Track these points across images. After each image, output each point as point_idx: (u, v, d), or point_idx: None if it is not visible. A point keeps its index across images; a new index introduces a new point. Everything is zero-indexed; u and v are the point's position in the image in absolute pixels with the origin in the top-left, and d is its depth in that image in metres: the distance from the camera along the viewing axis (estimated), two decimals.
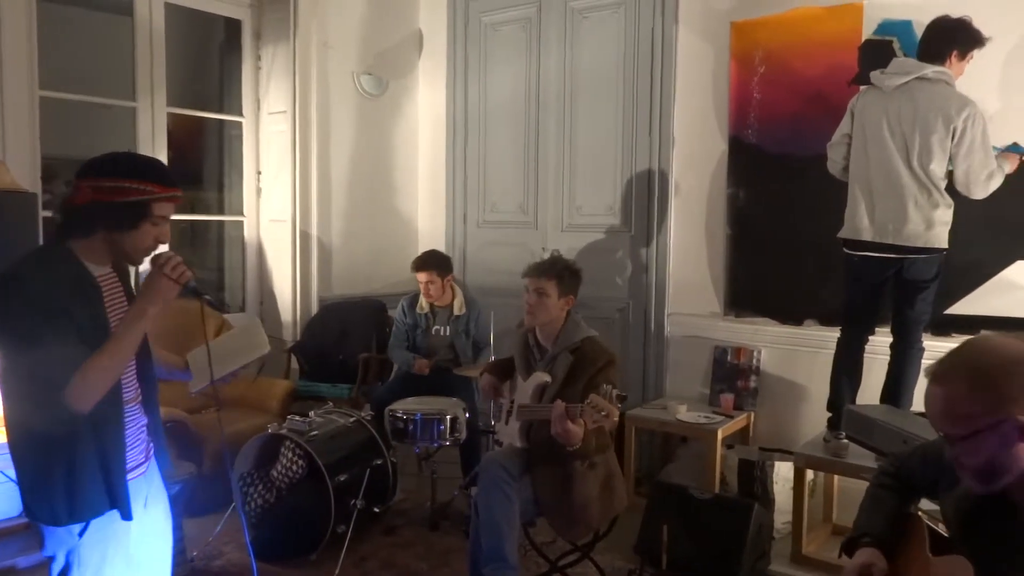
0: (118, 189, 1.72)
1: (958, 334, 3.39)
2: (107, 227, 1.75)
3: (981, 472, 1.31)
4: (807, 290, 3.83)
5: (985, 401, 1.26)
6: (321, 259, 4.86)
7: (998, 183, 3.03)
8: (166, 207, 1.80)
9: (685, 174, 4.22)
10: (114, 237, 1.76)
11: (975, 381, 1.27)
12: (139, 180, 1.75)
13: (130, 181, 1.74)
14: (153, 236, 1.79)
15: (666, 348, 4.31)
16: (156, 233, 1.79)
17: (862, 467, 3.00)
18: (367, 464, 3.41)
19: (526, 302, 2.86)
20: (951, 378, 1.31)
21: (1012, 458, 1.27)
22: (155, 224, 1.78)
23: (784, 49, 3.84)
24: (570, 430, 2.49)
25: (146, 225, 1.77)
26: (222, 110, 5.15)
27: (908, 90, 3.06)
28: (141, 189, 1.74)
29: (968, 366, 1.30)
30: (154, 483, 1.96)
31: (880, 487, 1.69)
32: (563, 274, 2.86)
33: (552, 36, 4.68)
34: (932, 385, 1.34)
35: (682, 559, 3.08)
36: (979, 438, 1.27)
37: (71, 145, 5.17)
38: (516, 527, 2.69)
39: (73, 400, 1.64)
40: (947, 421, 1.32)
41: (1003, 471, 1.29)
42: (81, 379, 1.64)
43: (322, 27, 4.77)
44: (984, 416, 1.26)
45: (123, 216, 1.74)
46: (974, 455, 1.30)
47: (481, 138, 5.08)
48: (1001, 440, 1.26)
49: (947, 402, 1.31)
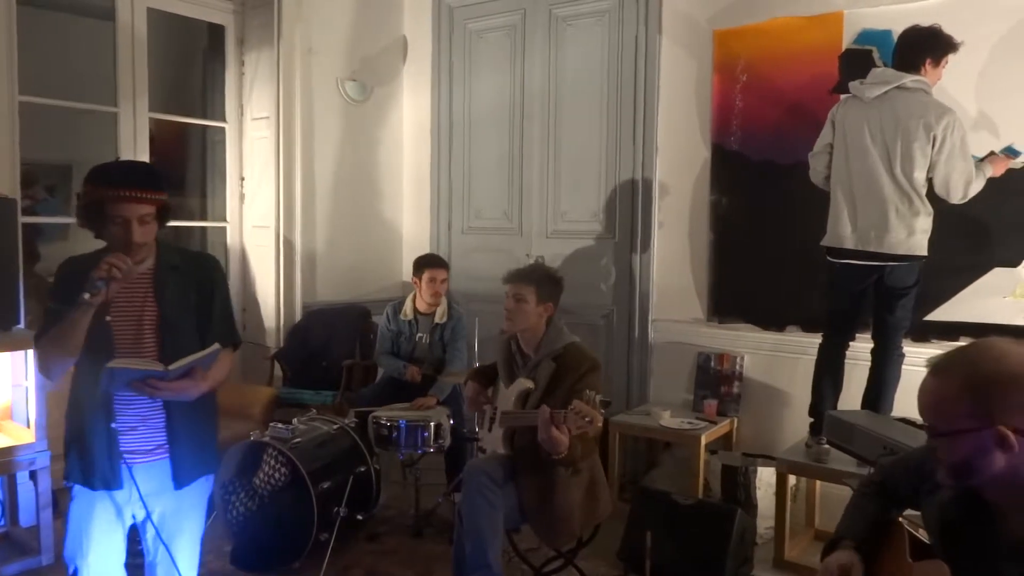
0: (84, 193, 1.94)
1: (938, 340, 3.44)
2: (91, 229, 1.97)
3: (954, 468, 1.33)
4: (789, 296, 3.86)
5: (972, 405, 1.28)
6: (305, 265, 4.84)
7: (978, 187, 3.07)
8: (121, 207, 1.90)
9: (669, 181, 4.25)
10: (102, 238, 1.96)
11: (968, 384, 1.29)
12: (93, 185, 1.92)
13: (89, 185, 1.93)
14: (119, 235, 1.92)
15: (650, 354, 4.33)
16: (120, 232, 1.91)
17: (843, 472, 3.02)
18: (350, 471, 3.39)
19: (505, 307, 2.88)
20: (947, 374, 1.32)
21: (986, 462, 1.29)
22: (116, 224, 1.90)
23: (766, 58, 3.87)
24: (556, 437, 2.49)
25: (109, 225, 1.92)
26: (205, 116, 5.14)
27: (888, 99, 3.10)
28: (92, 194, 1.92)
29: (966, 368, 1.31)
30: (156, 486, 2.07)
31: (863, 496, 1.71)
32: (542, 281, 2.87)
33: (537, 43, 4.70)
34: (929, 376, 1.36)
35: (666, 565, 3.08)
36: (959, 437, 1.30)
37: (52, 150, 5.13)
38: (500, 534, 2.68)
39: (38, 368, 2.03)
40: (932, 414, 1.35)
41: (975, 472, 1.31)
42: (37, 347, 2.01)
43: (306, 33, 4.76)
44: (967, 419, 1.28)
45: (87, 220, 1.95)
46: (951, 452, 1.32)
47: (466, 145, 5.08)
48: (978, 444, 1.28)
49: (937, 396, 1.33)
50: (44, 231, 5.05)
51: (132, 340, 1.99)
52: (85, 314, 1.88)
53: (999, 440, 1.26)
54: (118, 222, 1.91)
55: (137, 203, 1.91)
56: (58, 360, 1.97)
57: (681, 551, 3.08)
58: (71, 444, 2.05)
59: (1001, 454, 1.27)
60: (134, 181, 1.92)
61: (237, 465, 3.32)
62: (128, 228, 1.91)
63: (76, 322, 1.88)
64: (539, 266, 3.06)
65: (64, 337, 1.91)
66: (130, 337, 1.99)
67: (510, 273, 2.93)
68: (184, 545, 2.16)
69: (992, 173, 3.13)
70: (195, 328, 2.08)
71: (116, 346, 1.96)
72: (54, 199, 5.22)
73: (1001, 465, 1.28)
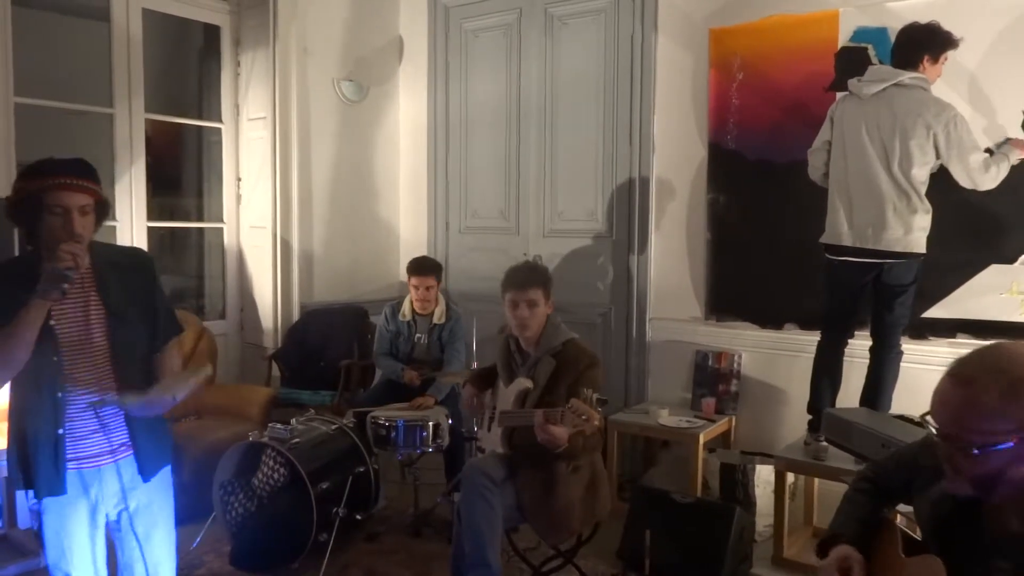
0: (15, 189, 1.90)
1: (936, 337, 3.44)
2: (23, 227, 1.94)
3: (980, 481, 1.26)
4: (787, 294, 3.86)
5: (1015, 417, 1.19)
6: (302, 266, 4.84)
7: (1004, 172, 3.06)
8: (59, 196, 1.88)
9: (666, 180, 4.25)
10: (34, 235, 1.91)
11: (1008, 394, 1.19)
12: (29, 177, 1.90)
13: (20, 182, 1.91)
14: (59, 227, 1.89)
15: (648, 353, 4.33)
16: (61, 223, 1.88)
17: (842, 470, 3.02)
18: (349, 471, 3.39)
19: (516, 316, 2.78)
20: (980, 384, 1.21)
21: (1015, 471, 1.23)
22: (54, 214, 1.88)
23: (762, 56, 3.87)
24: (554, 432, 2.49)
25: (46, 216, 1.88)
26: (201, 116, 5.13)
27: (886, 97, 3.10)
28: (28, 185, 1.89)
29: (1001, 375, 1.20)
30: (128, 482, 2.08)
31: (857, 491, 1.70)
32: (546, 280, 2.87)
33: (533, 42, 4.70)
34: (955, 387, 1.25)
35: (665, 563, 3.08)
36: (994, 451, 1.21)
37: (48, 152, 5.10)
38: (499, 533, 2.68)
39: None
40: (962, 427, 1.24)
41: (1003, 484, 1.24)
42: None
43: (302, 33, 4.76)
44: (1012, 435, 1.20)
45: (22, 214, 1.91)
46: (981, 465, 1.23)
47: (462, 144, 5.08)
48: (1016, 456, 1.21)
49: (970, 409, 1.22)
50: None
51: (79, 339, 1.97)
52: (42, 311, 1.86)
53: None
54: (57, 212, 1.88)
55: (76, 191, 1.90)
56: (9, 364, 1.89)
57: (680, 550, 3.08)
58: (12, 451, 2.01)
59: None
60: (71, 170, 1.91)
61: (236, 466, 3.31)
62: (69, 217, 1.89)
63: (32, 322, 1.85)
64: (536, 265, 3.05)
65: (17, 339, 1.85)
66: (76, 335, 1.97)
67: (513, 280, 2.83)
68: (161, 537, 2.18)
69: (1020, 156, 3.13)
70: (140, 321, 2.08)
71: (62, 345, 1.95)
72: None
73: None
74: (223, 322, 4.89)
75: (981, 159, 3.05)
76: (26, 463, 1.98)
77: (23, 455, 1.98)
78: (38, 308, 1.86)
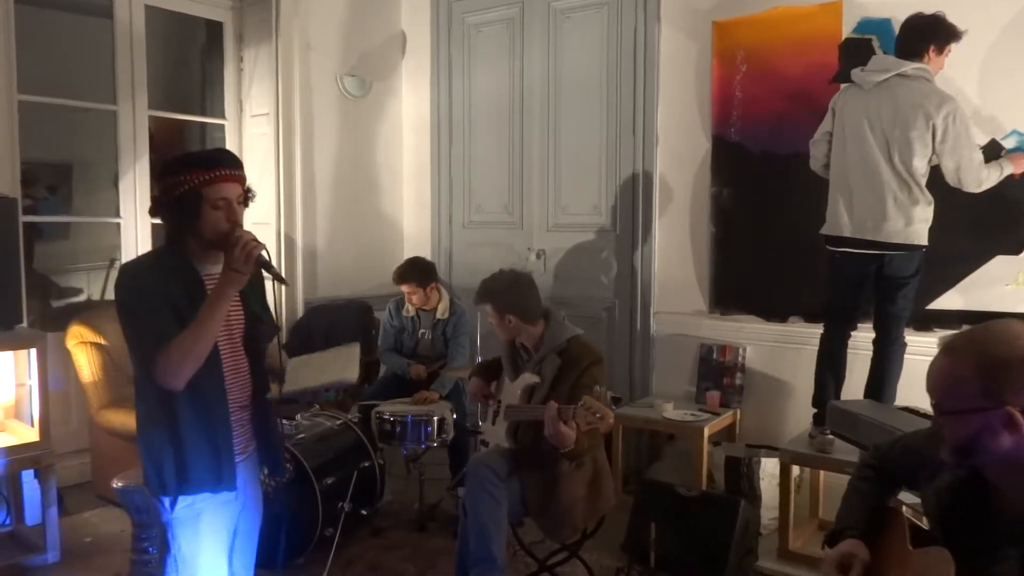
0: (169, 186, 1.85)
1: (940, 329, 3.44)
2: (179, 221, 1.88)
3: (959, 447, 1.33)
4: (791, 287, 3.85)
5: (985, 388, 1.28)
6: (306, 261, 4.85)
7: (995, 180, 3.05)
8: (220, 188, 1.87)
9: (669, 173, 4.24)
10: (193, 230, 1.87)
11: (980, 364, 1.29)
12: (183, 171, 1.86)
13: (175, 175, 1.85)
14: (218, 219, 1.87)
15: (652, 346, 4.33)
16: (218, 216, 1.87)
17: (847, 462, 3.01)
18: (354, 467, 3.40)
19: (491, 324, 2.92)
20: (960, 354, 1.32)
21: (992, 442, 1.29)
22: (216, 207, 1.86)
23: (765, 48, 3.86)
24: (563, 432, 2.49)
25: (207, 209, 1.85)
26: (204, 113, 5.13)
27: (888, 87, 3.09)
28: (184, 180, 1.84)
29: (979, 347, 1.31)
30: (251, 473, 2.07)
31: (861, 479, 1.70)
32: (495, 295, 2.85)
33: (535, 36, 4.69)
34: (942, 355, 1.35)
35: (670, 556, 3.09)
36: (966, 416, 1.30)
37: (52, 150, 5.13)
38: (504, 527, 2.69)
39: (160, 375, 1.79)
40: (941, 392, 1.35)
41: (980, 452, 1.31)
42: (164, 357, 1.78)
43: (304, 29, 4.76)
44: (979, 399, 1.28)
45: (183, 208, 1.85)
46: (957, 430, 1.32)
47: (466, 139, 5.07)
48: (986, 424, 1.28)
49: (947, 375, 1.33)
50: (45, 230, 5.05)
51: (225, 333, 1.94)
52: (229, 302, 1.85)
53: (1007, 421, 1.27)
54: (220, 205, 1.86)
55: (235, 182, 1.90)
56: (202, 357, 1.83)
57: (685, 543, 3.08)
58: (196, 451, 1.87)
59: (1008, 435, 1.28)
60: (228, 162, 1.91)
61: None
62: (231, 209, 1.89)
63: (223, 312, 1.84)
64: (491, 280, 2.94)
65: (213, 332, 1.83)
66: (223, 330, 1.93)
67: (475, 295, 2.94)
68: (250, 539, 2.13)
69: (1014, 170, 3.11)
70: (262, 314, 2.11)
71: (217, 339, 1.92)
72: (55, 198, 5.22)
73: (1006, 446, 1.28)
74: None
75: (974, 158, 3.02)
76: (210, 460, 1.88)
77: (178, 455, 1.87)
78: (227, 299, 1.84)
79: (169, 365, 1.78)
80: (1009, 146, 3.27)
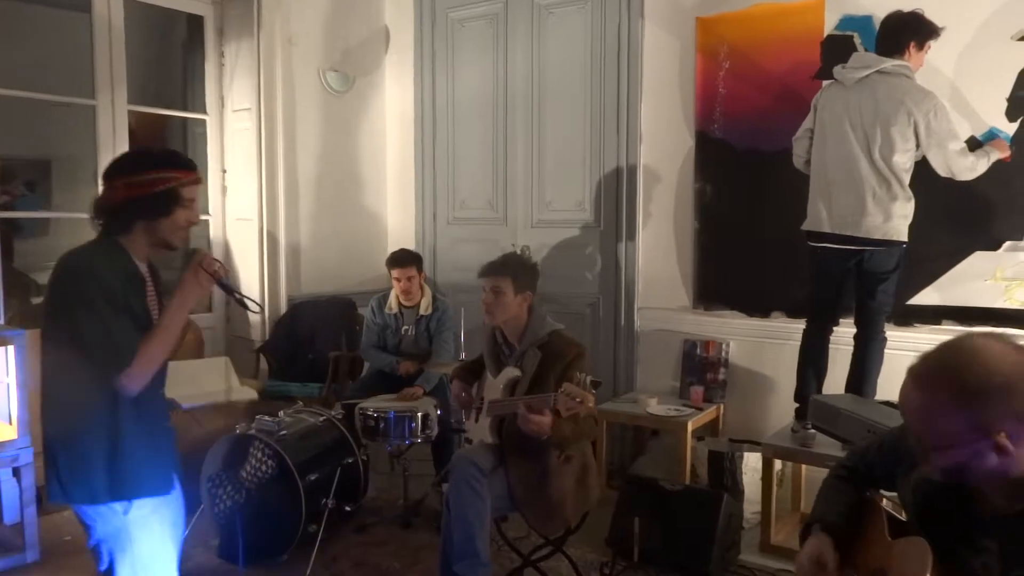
0: (149, 181, 1.89)
1: (920, 324, 3.47)
2: (145, 218, 1.91)
3: (948, 471, 1.30)
4: (774, 283, 3.88)
5: (968, 422, 1.23)
6: (289, 258, 4.82)
7: (984, 167, 3.09)
8: (193, 190, 1.97)
9: (653, 169, 4.25)
10: (152, 226, 1.92)
11: (960, 398, 1.23)
12: (165, 169, 1.93)
13: (157, 172, 1.91)
14: (185, 218, 1.96)
15: (636, 342, 4.34)
16: (187, 216, 1.97)
17: (829, 456, 3.04)
18: (338, 463, 3.39)
19: (483, 302, 2.86)
20: (934, 387, 1.26)
21: (981, 465, 1.27)
22: (185, 207, 1.95)
23: (748, 44, 3.88)
24: (537, 421, 2.51)
25: (178, 209, 1.93)
26: (185, 107, 5.08)
27: (869, 84, 3.11)
28: (168, 177, 1.91)
29: (954, 378, 1.24)
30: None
31: (836, 478, 1.71)
32: (518, 271, 2.86)
33: (519, 32, 4.68)
34: (913, 389, 1.30)
35: (653, 551, 3.10)
36: (953, 449, 1.26)
37: (30, 145, 5.07)
38: (487, 523, 2.69)
39: (128, 381, 1.81)
40: (924, 429, 1.29)
41: (969, 474, 1.29)
42: (137, 363, 1.82)
43: (286, 23, 4.72)
44: (964, 435, 1.24)
45: (158, 205, 1.91)
46: (944, 459, 1.28)
47: (449, 135, 5.06)
48: (974, 454, 1.25)
49: (926, 412, 1.28)
50: (24, 227, 4.99)
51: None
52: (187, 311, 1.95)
53: (996, 448, 1.24)
54: (188, 205, 1.96)
55: (200, 184, 2.01)
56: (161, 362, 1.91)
57: (669, 537, 3.10)
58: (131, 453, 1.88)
59: (996, 457, 1.25)
60: (194, 165, 2.00)
61: (224, 458, 3.30)
62: (195, 210, 2.00)
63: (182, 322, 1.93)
64: (512, 256, 3.06)
65: (174, 340, 1.93)
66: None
67: (485, 267, 2.91)
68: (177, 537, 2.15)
69: (1001, 155, 3.15)
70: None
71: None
72: (34, 194, 5.16)
73: (994, 463, 1.26)
74: (209, 315, 4.86)
75: (960, 148, 3.06)
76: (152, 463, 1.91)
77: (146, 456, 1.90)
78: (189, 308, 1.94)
79: (142, 370, 1.83)
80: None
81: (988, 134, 3.27)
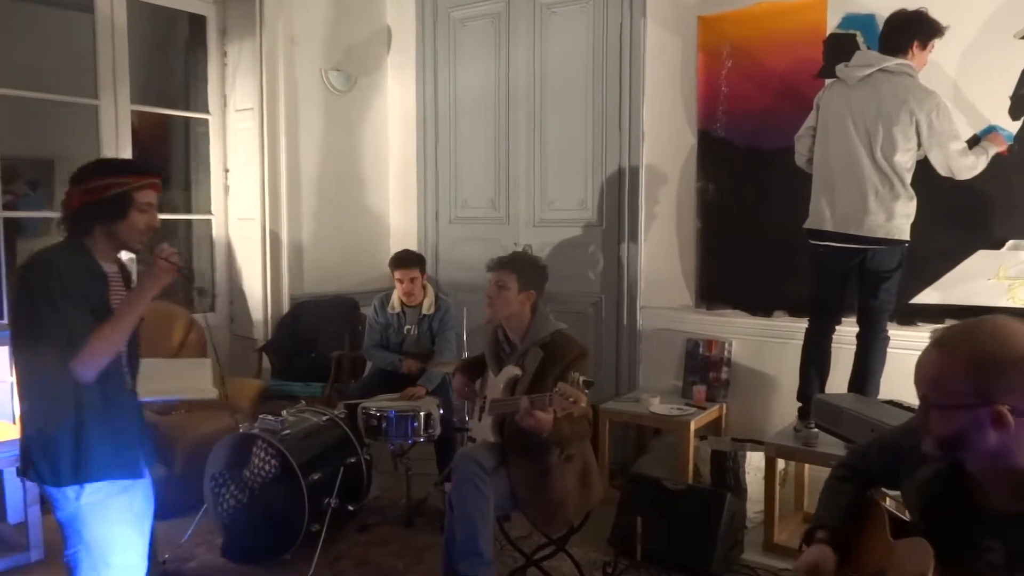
0: (102, 187, 2.03)
1: (923, 323, 3.46)
2: (102, 221, 2.04)
3: (945, 442, 1.33)
4: (776, 281, 3.87)
5: (975, 385, 1.27)
6: (291, 257, 4.82)
7: (983, 164, 3.09)
8: (147, 194, 2.09)
9: (655, 168, 4.25)
10: (110, 229, 2.05)
11: (972, 364, 1.27)
12: (117, 175, 2.06)
13: (110, 178, 2.04)
14: (143, 221, 2.08)
15: (638, 341, 4.34)
16: (145, 219, 2.09)
17: (832, 455, 3.04)
18: (341, 462, 3.39)
19: (487, 294, 2.87)
20: (950, 349, 1.31)
21: (978, 438, 1.29)
22: (141, 211, 2.07)
23: (751, 43, 3.87)
24: (538, 418, 2.51)
25: (133, 212, 2.06)
26: (188, 107, 5.08)
27: (871, 82, 3.11)
28: (121, 182, 2.04)
29: (970, 344, 1.29)
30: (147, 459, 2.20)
31: (837, 479, 1.71)
32: (524, 268, 2.86)
33: (521, 31, 4.68)
34: (932, 348, 1.34)
35: (656, 550, 3.10)
36: (954, 411, 1.29)
37: (33, 145, 5.08)
38: (490, 522, 2.69)
39: (79, 366, 1.92)
40: (931, 387, 1.33)
41: (966, 447, 1.31)
42: (87, 348, 1.92)
43: (289, 23, 4.72)
44: (969, 396, 1.27)
45: (111, 209, 2.03)
46: (944, 425, 1.31)
47: (451, 134, 5.06)
48: (973, 420, 1.28)
49: (939, 371, 1.31)
50: (26, 227, 5.00)
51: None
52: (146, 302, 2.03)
53: (995, 418, 1.26)
54: (145, 209, 2.08)
55: (158, 190, 2.12)
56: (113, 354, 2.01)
57: (671, 536, 3.10)
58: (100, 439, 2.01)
59: (995, 432, 1.27)
60: (154, 170, 2.14)
61: (227, 458, 3.31)
62: (153, 214, 2.11)
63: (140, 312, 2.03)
64: (520, 254, 3.05)
65: (129, 328, 2.01)
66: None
67: (493, 260, 2.92)
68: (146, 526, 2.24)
69: (996, 150, 3.14)
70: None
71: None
72: (36, 194, 5.17)
73: (993, 443, 1.28)
74: (212, 315, 4.87)
75: (961, 148, 3.06)
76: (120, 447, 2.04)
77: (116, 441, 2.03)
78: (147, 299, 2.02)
79: (92, 356, 1.93)
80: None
81: (985, 129, 3.26)
